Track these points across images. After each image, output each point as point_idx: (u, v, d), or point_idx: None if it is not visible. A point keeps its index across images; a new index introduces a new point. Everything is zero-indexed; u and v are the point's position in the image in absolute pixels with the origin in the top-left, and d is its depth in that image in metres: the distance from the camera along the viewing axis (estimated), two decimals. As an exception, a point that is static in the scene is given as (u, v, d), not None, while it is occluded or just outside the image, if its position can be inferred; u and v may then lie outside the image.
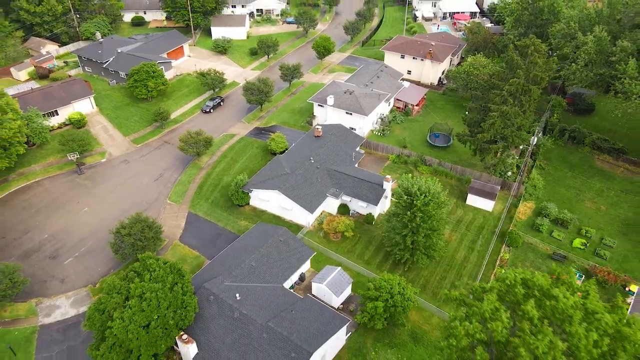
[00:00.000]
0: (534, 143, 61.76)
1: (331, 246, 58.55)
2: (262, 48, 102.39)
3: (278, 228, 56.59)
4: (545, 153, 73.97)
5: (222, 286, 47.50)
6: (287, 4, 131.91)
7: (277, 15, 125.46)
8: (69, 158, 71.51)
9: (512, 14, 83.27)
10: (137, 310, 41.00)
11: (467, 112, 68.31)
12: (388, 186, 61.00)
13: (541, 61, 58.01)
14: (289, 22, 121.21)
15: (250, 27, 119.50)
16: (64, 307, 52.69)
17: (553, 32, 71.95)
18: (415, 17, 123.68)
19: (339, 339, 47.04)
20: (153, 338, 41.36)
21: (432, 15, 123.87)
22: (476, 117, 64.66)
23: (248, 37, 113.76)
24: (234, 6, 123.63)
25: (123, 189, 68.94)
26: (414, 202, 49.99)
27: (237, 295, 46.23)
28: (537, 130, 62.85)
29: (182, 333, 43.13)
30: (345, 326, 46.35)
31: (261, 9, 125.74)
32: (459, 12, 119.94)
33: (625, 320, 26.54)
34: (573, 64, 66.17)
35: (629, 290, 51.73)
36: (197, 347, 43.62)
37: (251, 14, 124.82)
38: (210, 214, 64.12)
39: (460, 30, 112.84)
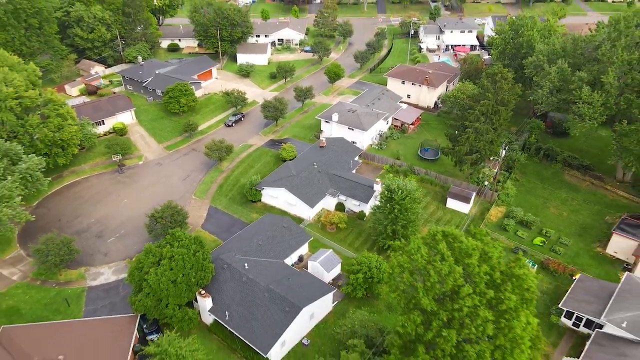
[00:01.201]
0: (503, 155, 72.61)
1: (327, 235, 69.91)
2: (280, 72, 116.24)
3: (283, 218, 68.39)
4: (521, 167, 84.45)
5: (234, 258, 59.13)
6: (306, 34, 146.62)
7: (296, 44, 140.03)
8: (113, 159, 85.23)
9: (497, 48, 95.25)
10: (167, 268, 52.85)
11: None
12: (378, 188, 72.32)
13: (506, 87, 69.39)
14: (306, 51, 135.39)
15: (271, 54, 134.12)
16: (106, 274, 65.05)
17: (527, 64, 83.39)
18: (420, 49, 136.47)
19: (326, 305, 57.93)
20: (178, 291, 53.03)
21: (436, 47, 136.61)
22: (456, 133, 75.95)
23: (269, 62, 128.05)
24: (258, 36, 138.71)
25: (156, 186, 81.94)
26: (393, 196, 61.36)
27: (246, 265, 57.77)
28: (504, 144, 73.49)
29: (201, 289, 54.79)
30: (332, 293, 57.32)
31: (282, 39, 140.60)
32: (460, 45, 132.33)
33: (515, 264, 37.09)
34: (539, 90, 77.18)
35: (574, 278, 61.33)
36: (212, 302, 55.14)
37: (273, 43, 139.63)
38: (228, 208, 76.35)
39: (459, 61, 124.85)
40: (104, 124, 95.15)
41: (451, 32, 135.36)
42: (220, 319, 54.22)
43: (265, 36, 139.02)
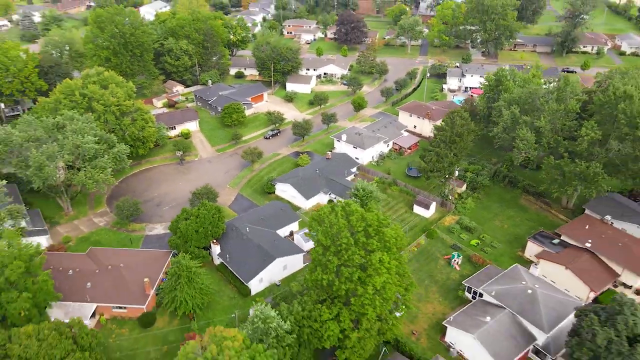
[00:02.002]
0: (456, 175, 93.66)
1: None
2: (316, 100, 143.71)
3: (283, 204, 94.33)
4: (487, 189, 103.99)
5: (241, 224, 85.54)
6: (349, 70, 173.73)
7: (338, 78, 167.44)
8: (177, 155, 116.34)
9: (484, 93, 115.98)
10: (193, 222, 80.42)
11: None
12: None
13: (459, 122, 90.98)
14: (344, 84, 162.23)
15: (315, 84, 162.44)
16: (159, 229, 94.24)
17: (495, 106, 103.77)
18: (442, 89, 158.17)
19: (297, 262, 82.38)
20: (199, 237, 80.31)
21: (457, 88, 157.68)
22: (425, 155, 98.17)
23: (311, 91, 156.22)
24: (308, 69, 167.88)
25: (204, 176, 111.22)
26: (358, 195, 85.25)
27: (247, 229, 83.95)
28: (457, 166, 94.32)
29: (214, 239, 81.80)
30: (302, 255, 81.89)
31: (327, 73, 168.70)
32: (475, 87, 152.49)
33: (382, 224, 60.03)
34: (494, 128, 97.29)
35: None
36: (220, 249, 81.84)
37: (319, 76, 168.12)
38: (250, 195, 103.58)
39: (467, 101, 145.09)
40: (175, 129, 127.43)
41: (471, 76, 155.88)
42: (223, 260, 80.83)
43: (314, 69, 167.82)
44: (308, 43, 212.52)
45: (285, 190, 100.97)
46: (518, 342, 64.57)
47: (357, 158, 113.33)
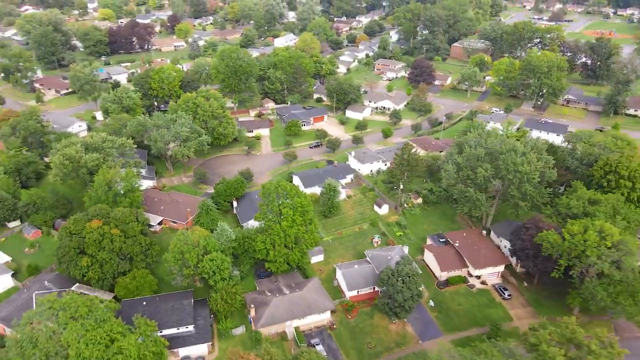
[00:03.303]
0: (401, 187, 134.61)
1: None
2: (359, 126, 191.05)
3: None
4: (436, 205, 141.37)
5: (254, 194, 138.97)
6: (405, 105, 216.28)
7: (389, 111, 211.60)
8: (245, 149, 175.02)
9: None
10: (224, 186, 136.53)
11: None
12: (344, 191, 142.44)
13: (407, 156, 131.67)
14: (390, 116, 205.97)
15: (369, 114, 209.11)
16: (212, 190, 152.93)
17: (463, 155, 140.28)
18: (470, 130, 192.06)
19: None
20: (226, 195, 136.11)
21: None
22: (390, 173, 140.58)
23: (363, 119, 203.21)
24: (370, 101, 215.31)
25: (257, 165, 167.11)
26: (326, 189, 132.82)
27: (256, 196, 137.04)
28: (401, 183, 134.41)
29: (235, 198, 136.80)
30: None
31: (383, 106, 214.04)
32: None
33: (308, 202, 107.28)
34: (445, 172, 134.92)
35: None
36: (237, 205, 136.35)
37: (376, 107, 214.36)
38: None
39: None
40: (252, 132, 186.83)
41: (494, 123, 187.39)
42: (236, 211, 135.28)
43: (374, 102, 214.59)
44: (390, 80, 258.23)
45: (296, 181, 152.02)
46: (368, 281, 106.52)
47: (358, 169, 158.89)
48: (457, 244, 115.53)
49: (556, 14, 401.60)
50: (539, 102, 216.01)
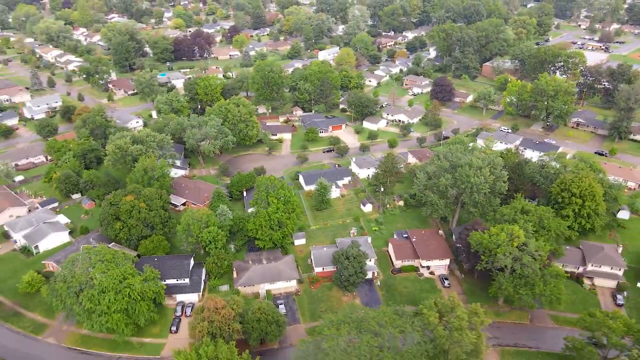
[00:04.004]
0: (382, 190, 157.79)
1: (307, 199, 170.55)
2: (370, 136, 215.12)
3: (290, 184, 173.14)
4: (415, 208, 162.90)
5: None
6: (420, 119, 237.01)
7: (403, 123, 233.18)
8: (266, 149, 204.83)
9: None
10: (237, 178, 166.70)
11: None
12: (338, 190, 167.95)
13: (389, 166, 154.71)
14: (401, 128, 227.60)
15: (385, 125, 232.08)
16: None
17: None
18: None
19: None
20: (239, 185, 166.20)
21: (483, 144, 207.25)
22: (376, 178, 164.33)
23: (377, 129, 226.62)
24: (388, 114, 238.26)
25: (275, 164, 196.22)
26: (319, 187, 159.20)
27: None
28: (381, 186, 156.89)
29: (244, 189, 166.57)
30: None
31: (398, 119, 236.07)
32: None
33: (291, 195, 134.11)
34: (416, 181, 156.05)
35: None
36: (246, 195, 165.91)
37: (393, 120, 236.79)
38: (286, 178, 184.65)
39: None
40: (275, 135, 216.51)
41: (489, 141, 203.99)
42: (244, 200, 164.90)
43: (391, 115, 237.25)
44: (414, 95, 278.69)
45: (301, 179, 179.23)
46: (332, 261, 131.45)
47: (357, 173, 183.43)
48: (414, 239, 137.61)
49: (606, 34, 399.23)
50: (547, 124, 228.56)
